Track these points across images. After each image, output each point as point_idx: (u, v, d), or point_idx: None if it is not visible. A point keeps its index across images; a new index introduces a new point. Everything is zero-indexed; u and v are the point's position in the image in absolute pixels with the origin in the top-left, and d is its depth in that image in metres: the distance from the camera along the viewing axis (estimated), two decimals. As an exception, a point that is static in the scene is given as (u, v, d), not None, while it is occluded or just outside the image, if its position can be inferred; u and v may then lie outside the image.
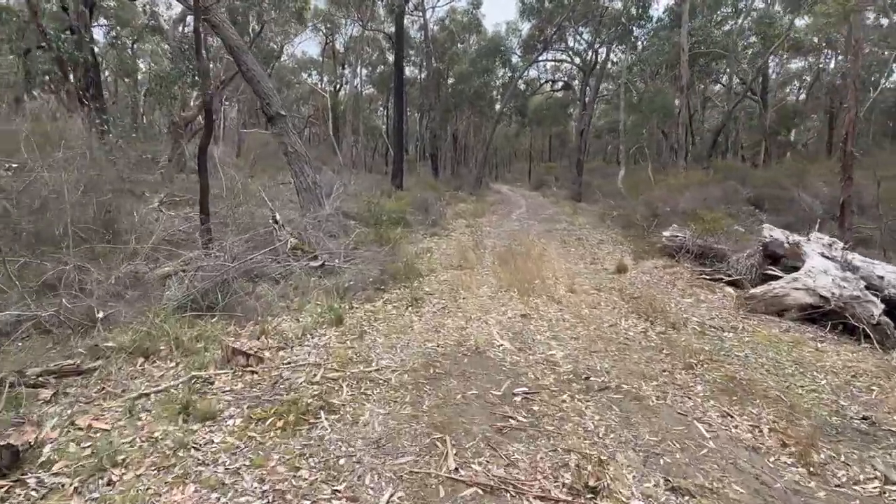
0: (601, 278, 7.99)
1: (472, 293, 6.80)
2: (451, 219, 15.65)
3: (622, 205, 14.50)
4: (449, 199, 19.95)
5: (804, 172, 11.98)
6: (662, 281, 7.67)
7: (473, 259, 9.14)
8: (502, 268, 8.45)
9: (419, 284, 7.07)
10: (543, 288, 7.10)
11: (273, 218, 7.45)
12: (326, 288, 6.39)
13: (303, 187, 11.01)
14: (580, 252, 10.48)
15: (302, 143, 11.33)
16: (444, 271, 8.23)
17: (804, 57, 23.65)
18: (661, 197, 11.98)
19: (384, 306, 6.03)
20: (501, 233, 13.41)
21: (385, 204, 11.82)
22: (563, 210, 19.41)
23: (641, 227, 11.19)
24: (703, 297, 6.73)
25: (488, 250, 10.50)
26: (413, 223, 12.71)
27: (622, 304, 6.40)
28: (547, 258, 9.59)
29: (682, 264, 8.48)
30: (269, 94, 10.88)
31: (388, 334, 5.05)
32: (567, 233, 13.44)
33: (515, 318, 5.70)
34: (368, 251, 7.86)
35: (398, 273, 7.12)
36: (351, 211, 11.32)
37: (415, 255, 9.38)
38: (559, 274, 8.21)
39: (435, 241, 11.64)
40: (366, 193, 15.80)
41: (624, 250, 10.59)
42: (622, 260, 8.69)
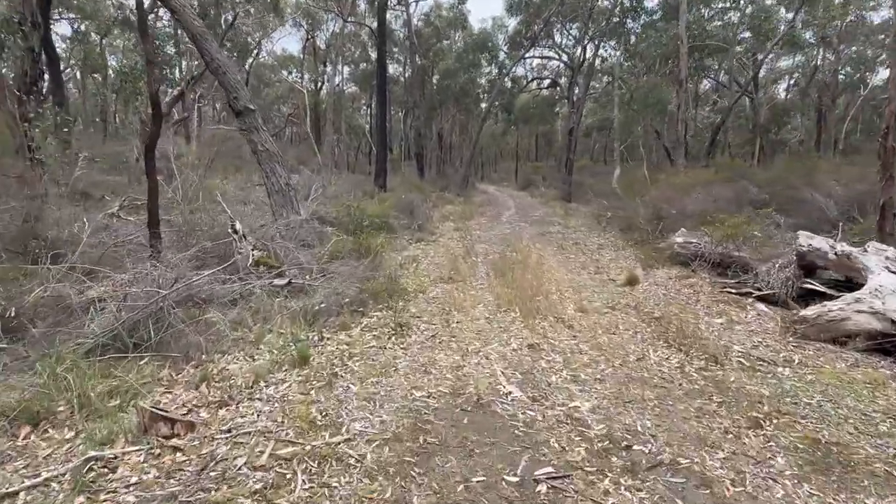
0: (611, 292, 6.97)
1: (466, 314, 5.72)
2: (438, 222, 14.57)
3: (619, 206, 13.56)
4: (435, 201, 18.87)
5: (813, 170, 11.12)
6: (681, 295, 6.68)
7: (465, 270, 8.07)
8: (498, 280, 7.40)
9: (405, 305, 5.98)
10: (548, 306, 6.06)
11: (232, 226, 6.29)
12: (293, 312, 5.26)
13: (275, 189, 9.87)
14: (581, 259, 9.47)
15: (274, 142, 10.16)
16: (433, 285, 7.15)
17: (795, 54, 23.02)
18: (664, 198, 11.04)
19: (362, 336, 4.92)
20: (492, 237, 12.37)
21: (366, 207, 10.71)
22: (554, 211, 18.44)
23: (645, 230, 10.22)
24: (735, 315, 5.74)
25: (481, 258, 9.44)
26: (397, 228, 11.60)
27: (644, 328, 5.38)
28: (546, 267, 8.57)
29: (699, 275, 7.51)
30: (237, 86, 9.70)
31: (365, 378, 3.95)
32: (562, 236, 12.44)
33: (522, 351, 4.64)
34: (345, 266, 6.73)
35: (380, 291, 6.02)
36: (329, 215, 10.18)
37: (400, 266, 8.29)
38: (563, 287, 7.18)
39: (421, 247, 10.55)
40: (347, 195, 14.66)
41: (628, 257, 9.61)
42: (631, 270, 7.69)
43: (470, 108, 25.68)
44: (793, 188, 10.77)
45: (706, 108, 26.36)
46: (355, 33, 30.88)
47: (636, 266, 8.68)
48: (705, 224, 9.26)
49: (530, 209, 20.13)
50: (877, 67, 25.13)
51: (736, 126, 26.53)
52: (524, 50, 22.89)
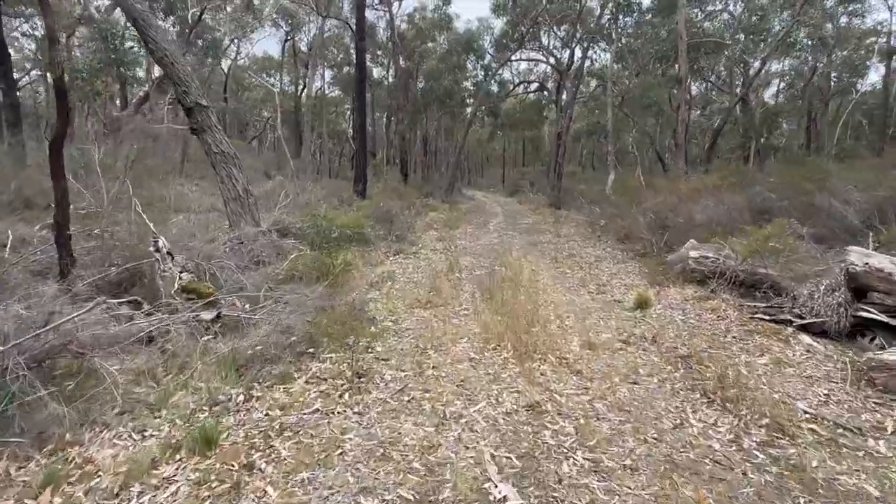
0: (620, 319, 5.78)
1: (446, 354, 4.48)
2: (420, 231, 13.33)
3: (615, 214, 12.43)
4: (419, 208, 17.63)
5: (826, 175, 10.09)
6: (704, 323, 5.51)
7: (448, 290, 6.83)
8: (486, 303, 6.17)
9: (369, 342, 4.72)
10: (547, 340, 4.84)
11: (154, 244, 4.99)
12: (221, 357, 3.98)
13: (230, 196, 8.60)
14: (579, 275, 8.28)
15: (230, 143, 8.87)
16: (408, 312, 5.90)
17: (785, 57, 22.26)
18: (668, 205, 9.92)
19: (305, 392, 3.65)
20: (479, 248, 11.16)
21: (339, 216, 9.43)
22: (544, 219, 17.30)
23: (649, 241, 9.08)
24: (780, 353, 4.57)
25: (466, 274, 8.22)
26: (374, 239, 10.34)
27: (671, 372, 4.17)
28: (541, 285, 7.36)
29: (719, 296, 6.35)
30: (186, 80, 8.42)
31: (293, 472, 2.68)
32: (555, 247, 11.27)
33: (518, 415, 3.40)
34: (301, 290, 5.44)
35: (338, 325, 4.75)
36: (294, 226, 8.88)
37: (371, 287, 7.03)
38: (562, 311, 5.98)
39: (400, 261, 9.31)
40: (321, 203, 13.37)
41: (631, 271, 8.46)
42: (640, 290, 6.51)
43: (455, 111, 24.51)
44: (805, 194, 9.70)
45: (696, 112, 25.50)
46: (338, 35, 29.64)
47: (643, 283, 7.52)
48: (717, 235, 8.14)
49: (519, 216, 18.99)
50: (867, 72, 24.51)
51: (726, 130, 25.71)
52: (511, 52, 21.82)
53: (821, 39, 17.22)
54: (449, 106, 23.63)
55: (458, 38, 21.62)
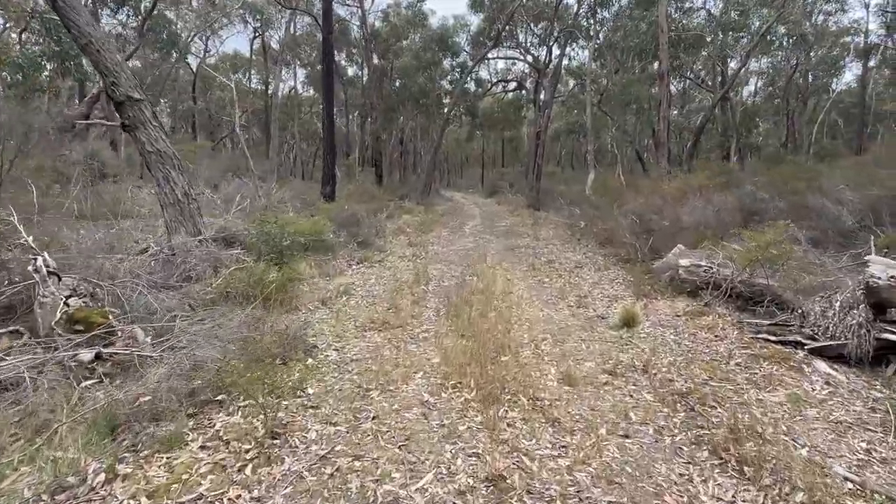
0: (605, 340, 4.95)
1: (393, 398, 3.59)
2: (390, 236, 12.41)
3: (596, 215, 11.68)
4: (392, 210, 16.71)
5: (817, 174, 9.47)
6: (701, 345, 4.71)
7: (409, 307, 5.94)
8: (451, 323, 5.30)
9: (300, 379, 3.80)
10: (519, 372, 3.99)
11: (33, 263, 3.99)
12: (95, 413, 3.03)
13: (168, 202, 7.61)
14: (558, 284, 7.47)
15: (168, 141, 7.86)
16: (359, 335, 4.99)
17: (762, 56, 21.88)
18: (651, 206, 9.17)
19: (192, 466, 2.72)
20: (452, 254, 10.30)
21: (295, 222, 8.46)
22: (523, 221, 16.52)
23: (633, 246, 8.31)
24: (795, 385, 3.79)
25: (434, 285, 7.34)
26: (336, 246, 9.39)
27: (668, 416, 3.35)
28: (515, 298, 6.53)
29: (714, 310, 5.58)
30: (115, 69, 7.40)
31: None
32: (533, 252, 10.46)
33: (473, 494, 2.53)
34: (222, 318, 4.48)
35: (261, 362, 3.81)
36: (242, 233, 7.88)
37: (321, 304, 6.09)
38: (538, 332, 5.13)
39: (363, 271, 8.38)
40: (289, 205, 12.35)
41: (614, 279, 7.67)
42: (627, 306, 5.69)
43: (431, 110, 23.62)
44: (796, 194, 9.06)
45: (674, 112, 25.02)
46: (310, 34, 28.50)
47: (627, 294, 6.73)
48: (706, 239, 7.41)
49: (496, 218, 18.19)
50: (843, 71, 24.32)
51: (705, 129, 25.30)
52: (487, 49, 21.00)
53: (801, 36, 16.79)
54: (424, 105, 22.72)
55: (431, 35, 20.71)
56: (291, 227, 8.07)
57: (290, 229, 7.64)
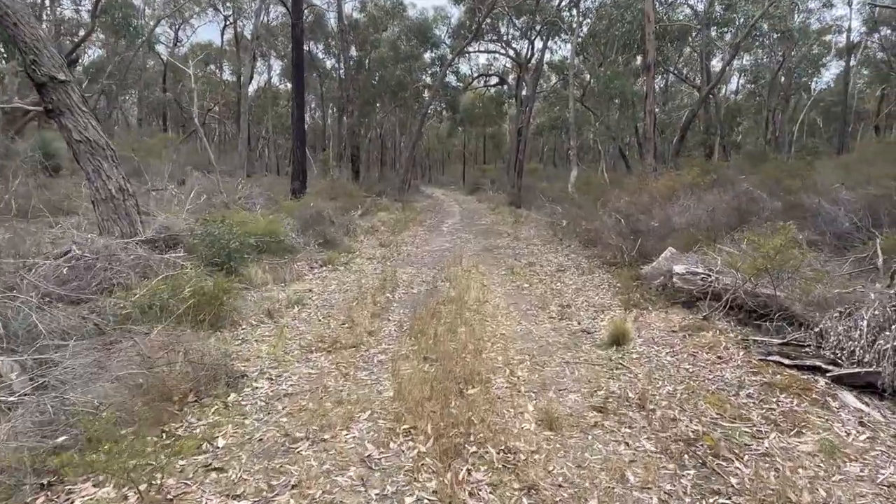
0: (592, 363, 4.21)
1: (325, 453, 2.78)
2: (362, 235, 11.57)
3: (579, 214, 10.99)
4: (368, 207, 15.82)
5: (810, 173, 8.89)
6: (702, 369, 4.00)
7: (367, 321, 5.12)
8: (414, 342, 4.51)
9: (210, 428, 2.97)
10: (489, 410, 3.23)
11: None
12: None
13: (100, 198, 6.73)
14: (538, 291, 6.72)
15: (101, 129, 6.91)
16: (302, 358, 4.17)
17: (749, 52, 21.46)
18: (638, 205, 8.48)
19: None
20: (426, 255, 9.51)
21: (251, 221, 7.57)
22: (503, 219, 15.80)
23: (619, 248, 7.61)
24: (821, 425, 3.09)
25: (401, 293, 6.54)
26: (297, 247, 8.51)
27: (674, 475, 2.62)
28: (490, 308, 5.77)
29: (713, 323, 4.89)
30: (36, 46, 6.47)
31: None
32: (513, 253, 9.73)
33: None
34: (127, 339, 3.61)
35: (147, 412, 2.97)
36: (186, 234, 6.96)
37: (267, 317, 5.25)
38: (514, 353, 4.38)
39: (324, 275, 7.54)
40: (247, 203, 11.39)
41: (600, 285, 6.96)
42: (617, 321, 4.95)
43: (410, 104, 22.71)
44: (790, 193, 8.46)
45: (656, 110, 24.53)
46: (285, 24, 27.26)
47: (615, 303, 6.01)
48: (699, 242, 6.73)
49: (476, 216, 17.45)
50: (826, 68, 24.08)
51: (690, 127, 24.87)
52: (467, 41, 20.18)
53: (785, 32, 16.34)
54: (402, 98, 21.81)
55: (409, 26, 19.79)
56: (243, 226, 7.19)
57: (238, 230, 6.75)
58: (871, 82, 22.87)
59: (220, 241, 6.36)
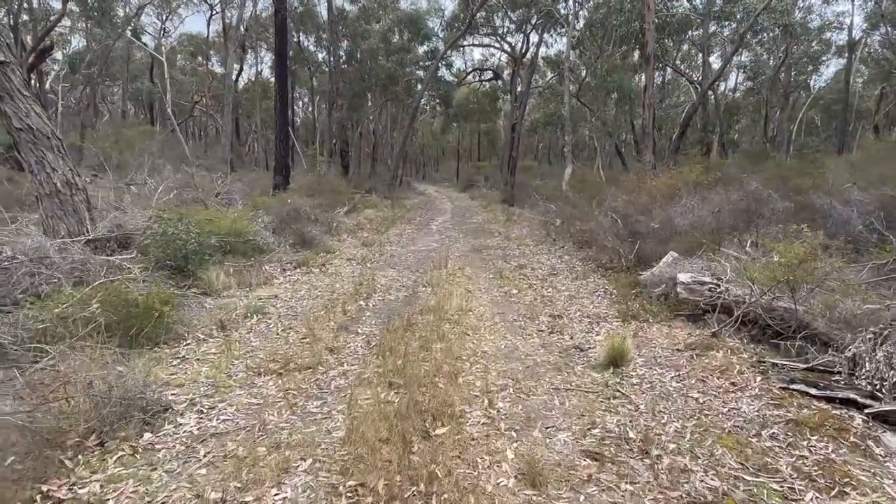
0: (585, 389, 3.60)
1: (244, 521, 2.15)
2: (346, 234, 10.92)
3: (574, 213, 10.37)
4: (355, 204, 15.16)
5: (821, 170, 8.30)
6: (716, 399, 3.40)
7: (330, 336, 4.49)
8: (381, 362, 3.88)
9: (97, 493, 2.33)
10: (458, 457, 2.61)
11: None
12: None
13: (45, 192, 6.09)
14: (528, 297, 6.11)
15: (47, 117, 6.23)
16: (245, 383, 3.54)
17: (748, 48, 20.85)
18: (637, 205, 7.87)
19: None
20: (411, 256, 8.88)
21: (214, 218, 6.90)
22: (495, 217, 15.17)
23: (615, 251, 7.00)
24: (867, 480, 2.49)
25: (377, 299, 5.90)
26: (271, 248, 7.85)
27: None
28: (472, 319, 5.14)
29: (722, 341, 4.28)
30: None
31: None
32: (503, 254, 9.11)
33: None
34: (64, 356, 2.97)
35: (33, 462, 2.33)
36: (141, 232, 6.28)
37: (218, 330, 4.60)
38: (495, 376, 3.76)
39: (296, 278, 6.89)
40: (235, 197, 10.71)
41: (595, 291, 6.35)
42: (616, 339, 4.33)
43: (401, 98, 21.96)
44: (799, 192, 7.88)
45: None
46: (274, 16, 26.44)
47: (612, 313, 5.40)
48: (704, 245, 6.12)
49: (468, 214, 16.81)
50: (826, 66, 23.50)
51: (688, 124, 24.26)
52: (460, 32, 19.47)
53: (787, 27, 15.76)
54: (393, 92, 21.07)
55: (400, 16, 19.03)
56: (209, 224, 6.52)
57: (197, 229, 6.08)
58: (871, 80, 22.36)
59: (175, 241, 5.70)
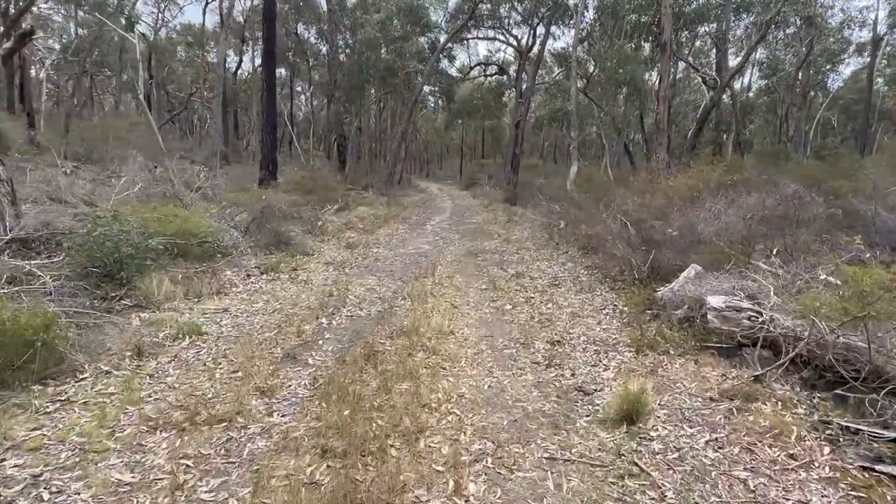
0: (589, 460, 2.62)
1: None
2: (332, 233, 9.97)
3: (579, 216, 9.37)
4: (347, 201, 14.20)
5: (857, 171, 7.26)
6: (771, 486, 2.42)
7: (266, 370, 3.53)
8: (323, 412, 2.93)
9: None
10: None
11: None
12: None
13: (-45, 183, 5.10)
14: (524, 315, 5.13)
15: None
16: (129, 446, 2.58)
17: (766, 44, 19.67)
18: (651, 208, 6.86)
19: None
20: (397, 260, 7.92)
21: (164, 217, 5.96)
22: (496, 217, 14.18)
23: (627, 262, 6.00)
24: None
25: (342, 317, 4.94)
26: (236, 250, 6.90)
27: None
28: (454, 345, 4.17)
29: (768, 386, 3.30)
30: None
31: None
32: (500, 259, 8.13)
33: None
34: None
35: None
36: (71, 231, 5.35)
37: (131, 358, 3.66)
38: (470, 438, 2.79)
39: (258, 287, 5.94)
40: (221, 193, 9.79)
41: (602, 309, 5.36)
42: (625, 374, 3.35)
43: (400, 91, 20.90)
44: (836, 196, 6.83)
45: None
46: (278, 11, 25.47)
47: (623, 339, 4.41)
48: (733, 257, 5.11)
49: (468, 213, 15.83)
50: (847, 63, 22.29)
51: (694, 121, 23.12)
52: (462, 22, 18.43)
53: (810, 18, 14.62)
54: (392, 84, 20.05)
55: (400, 5, 17.95)
56: (153, 224, 5.58)
57: (136, 228, 5.15)
58: (894, 80, 21.14)
59: (104, 244, 4.76)
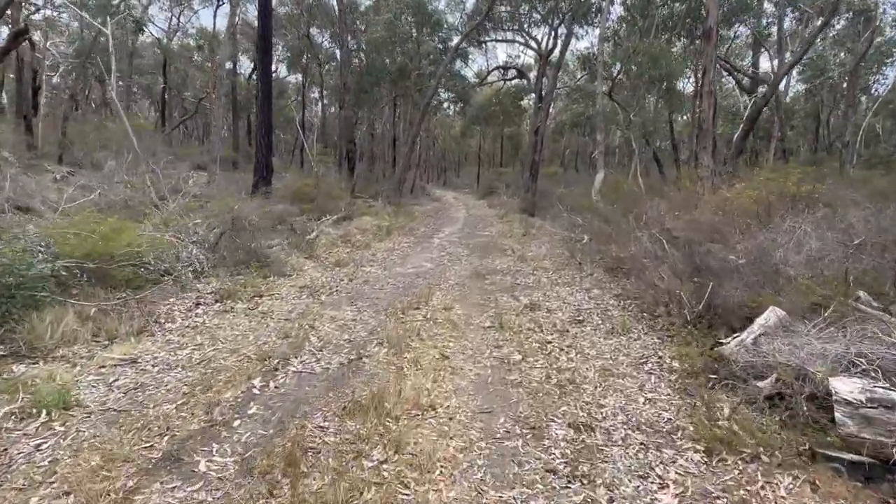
0: None
1: None
2: (324, 247, 8.74)
3: (607, 232, 7.91)
4: (350, 211, 12.99)
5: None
6: None
7: (116, 494, 2.22)
8: None
9: None
10: None
11: None
12: None
13: None
14: (536, 373, 3.74)
15: None
16: None
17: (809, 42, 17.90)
18: (703, 225, 5.38)
19: None
20: (389, 283, 6.59)
21: (87, 232, 4.76)
22: (511, 230, 12.78)
23: (674, 296, 4.55)
24: None
25: (286, 377, 3.62)
26: (185, 273, 5.67)
27: None
28: (429, 436, 2.80)
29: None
30: None
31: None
32: (511, 283, 6.75)
33: None
34: None
35: None
36: None
37: None
38: None
39: (196, 323, 4.66)
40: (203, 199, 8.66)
41: (643, 361, 3.93)
42: (693, 493, 1.96)
43: (411, 94, 19.68)
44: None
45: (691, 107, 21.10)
46: (290, 14, 24.59)
47: (680, 422, 2.99)
48: (834, 297, 3.63)
49: (481, 225, 14.46)
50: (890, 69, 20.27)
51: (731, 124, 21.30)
52: (478, 21, 17.18)
53: (866, 12, 12.93)
54: (403, 87, 18.85)
55: (407, 2, 16.73)
56: (61, 241, 4.38)
57: (16, 248, 3.93)
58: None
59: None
